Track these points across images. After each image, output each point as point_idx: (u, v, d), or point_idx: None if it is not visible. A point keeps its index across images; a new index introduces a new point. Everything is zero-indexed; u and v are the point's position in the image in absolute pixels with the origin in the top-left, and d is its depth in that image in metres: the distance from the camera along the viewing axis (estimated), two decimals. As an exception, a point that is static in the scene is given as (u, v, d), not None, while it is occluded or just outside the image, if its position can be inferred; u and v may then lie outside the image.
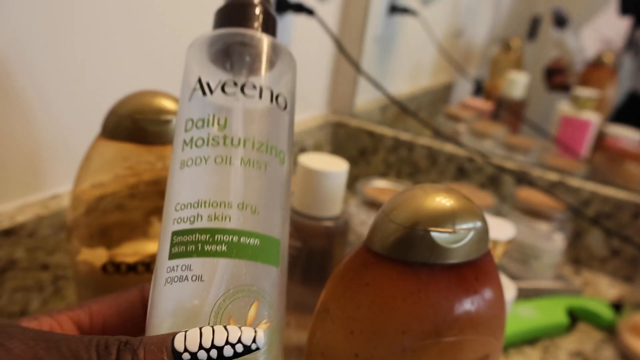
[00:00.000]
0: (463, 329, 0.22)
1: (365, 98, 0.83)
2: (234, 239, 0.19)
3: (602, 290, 0.61)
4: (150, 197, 0.36)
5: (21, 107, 0.39)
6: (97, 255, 0.33)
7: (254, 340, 0.17)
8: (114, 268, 0.33)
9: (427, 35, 0.92)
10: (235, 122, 0.20)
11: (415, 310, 0.22)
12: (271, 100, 0.21)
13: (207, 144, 0.20)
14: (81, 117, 0.43)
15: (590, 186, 0.63)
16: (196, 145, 0.20)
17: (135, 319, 0.23)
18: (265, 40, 0.22)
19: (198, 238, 0.19)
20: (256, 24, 0.22)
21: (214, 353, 0.16)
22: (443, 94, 1.12)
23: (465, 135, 0.88)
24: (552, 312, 0.52)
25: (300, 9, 0.61)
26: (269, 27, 0.23)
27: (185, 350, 0.16)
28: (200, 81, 0.21)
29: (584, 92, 0.87)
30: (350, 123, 0.78)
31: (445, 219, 0.22)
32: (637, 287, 0.54)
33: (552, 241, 0.58)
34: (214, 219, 0.19)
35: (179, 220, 0.20)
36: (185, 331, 0.17)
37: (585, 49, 0.98)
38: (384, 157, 0.76)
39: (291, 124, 0.23)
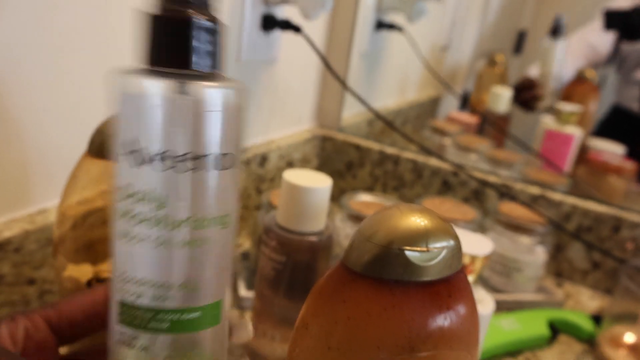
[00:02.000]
0: (437, 344, 0.23)
1: (353, 112, 0.84)
2: (175, 317, 0.21)
3: (583, 302, 0.62)
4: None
5: (9, 123, 0.40)
6: (83, 272, 0.33)
7: None
8: (99, 284, 0.34)
9: (413, 51, 0.93)
10: (175, 202, 0.19)
11: (390, 326, 0.22)
12: (216, 165, 0.20)
13: (147, 223, 0.20)
14: (68, 133, 0.44)
15: (571, 200, 0.65)
16: (137, 221, 0.20)
17: (101, 316, 0.25)
18: (208, 93, 0.19)
19: (143, 315, 0.21)
20: (200, 62, 0.19)
21: None
22: (430, 107, 1.14)
23: (450, 149, 0.90)
24: (534, 325, 0.53)
25: (287, 26, 0.62)
26: (214, 53, 0.20)
27: None
28: (138, 143, 0.19)
29: (567, 106, 0.89)
30: (337, 137, 0.79)
31: (419, 238, 0.23)
32: (616, 300, 0.55)
33: (534, 254, 0.60)
34: (157, 299, 0.21)
35: (124, 292, 0.21)
36: None
37: (568, 59, 1.00)
38: (370, 171, 0.77)
39: (236, 177, 0.21)
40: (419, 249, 0.23)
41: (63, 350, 0.25)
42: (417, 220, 0.23)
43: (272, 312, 0.43)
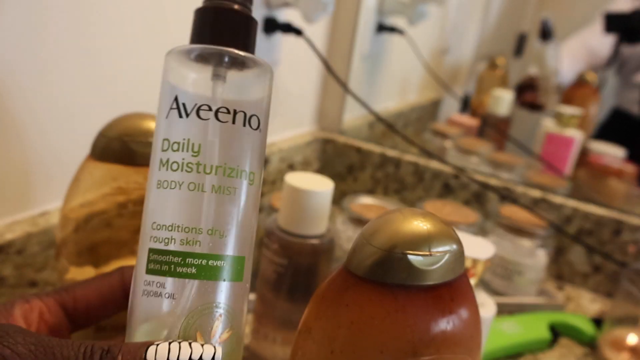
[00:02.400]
0: (439, 348, 0.23)
1: (354, 115, 0.84)
2: (202, 262, 0.21)
3: (584, 306, 0.62)
4: (138, 215, 0.37)
5: (11, 126, 0.40)
6: (85, 274, 0.34)
7: (213, 357, 0.20)
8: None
9: (414, 53, 0.93)
10: (208, 149, 0.22)
11: (393, 330, 0.23)
12: (244, 123, 0.22)
13: (182, 169, 0.22)
14: (70, 136, 0.44)
15: (572, 203, 0.65)
16: (172, 168, 0.22)
17: (116, 299, 0.25)
18: (243, 59, 0.23)
19: (171, 260, 0.21)
20: (235, 39, 0.23)
21: None
22: (430, 110, 1.14)
23: (451, 152, 0.90)
24: (535, 328, 0.53)
25: (289, 29, 0.62)
26: (249, 36, 0.24)
27: None
28: (177, 100, 0.22)
29: (567, 109, 0.89)
30: (338, 140, 0.79)
31: (421, 242, 0.23)
32: (617, 303, 0.55)
33: (535, 257, 0.60)
34: (186, 243, 0.21)
35: (155, 239, 0.22)
36: (157, 344, 0.20)
37: (565, 60, 1.00)
38: (372, 174, 0.77)
39: (263, 141, 0.24)
40: (421, 253, 0.23)
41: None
42: (419, 225, 0.23)
43: (274, 315, 0.43)
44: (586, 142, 0.94)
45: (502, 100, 0.99)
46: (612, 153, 0.94)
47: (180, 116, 0.22)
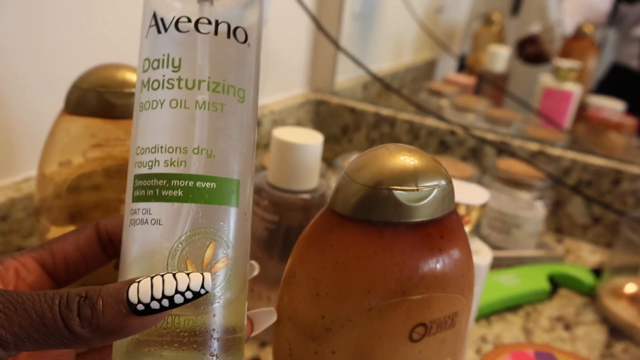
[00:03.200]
0: (429, 286, 0.22)
1: (348, 76, 0.82)
2: (189, 184, 0.20)
3: (584, 257, 0.62)
4: (122, 176, 0.36)
5: (-13, 88, 0.39)
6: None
7: (202, 286, 0.18)
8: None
9: (408, 12, 0.91)
10: (189, 63, 0.20)
11: (380, 269, 0.22)
12: (228, 34, 0.21)
13: (162, 87, 0.20)
14: (53, 99, 0.43)
15: (571, 154, 0.64)
16: (152, 87, 0.20)
17: (94, 252, 0.24)
18: None
19: (156, 183, 0.20)
20: None
21: (165, 302, 0.17)
22: (426, 70, 1.11)
23: (448, 110, 0.88)
24: (534, 279, 0.53)
25: (275, -16, 0.60)
26: None
27: (139, 301, 0.17)
28: (155, 17, 0.21)
29: (565, 63, 0.87)
30: (331, 101, 0.77)
31: (408, 177, 0.22)
32: (617, 252, 0.54)
33: (534, 210, 0.59)
34: (170, 165, 0.20)
35: (139, 165, 0.20)
36: (138, 281, 0.18)
37: (565, 20, 0.98)
38: (366, 134, 0.76)
39: (256, 58, 0.22)
40: (408, 188, 0.22)
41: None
42: (406, 160, 0.22)
43: (267, 274, 0.42)
44: (585, 96, 0.92)
45: (499, 56, 0.97)
46: (611, 106, 0.93)
47: (159, 32, 0.20)
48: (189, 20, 0.20)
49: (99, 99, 0.30)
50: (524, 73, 1.00)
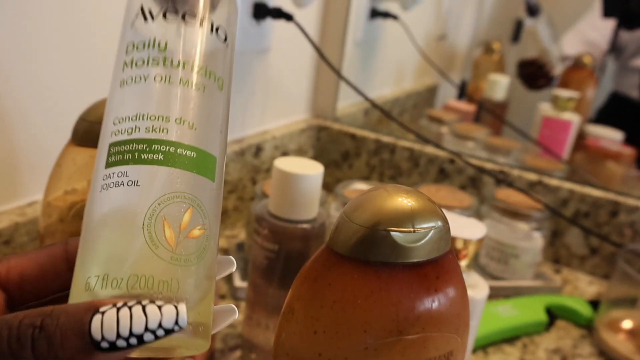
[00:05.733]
0: (425, 326, 0.23)
1: (348, 102, 0.83)
2: (170, 149, 0.20)
3: (581, 288, 0.62)
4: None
5: (-5, 115, 0.39)
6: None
7: (176, 322, 0.16)
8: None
9: (409, 39, 0.92)
10: (175, 46, 0.21)
11: (377, 309, 0.22)
12: (211, 30, 0.22)
13: (147, 64, 0.21)
14: (56, 125, 0.44)
15: (569, 185, 0.64)
16: (136, 65, 0.21)
17: (57, 272, 0.21)
18: None
19: (135, 147, 0.20)
20: None
21: (133, 340, 0.16)
22: (427, 96, 1.13)
23: (447, 138, 0.89)
24: (531, 311, 0.53)
25: (279, 14, 0.61)
26: None
27: (103, 338, 0.16)
28: (142, 8, 0.22)
29: (564, 93, 0.88)
30: (332, 127, 0.78)
31: (405, 218, 0.23)
32: (614, 285, 0.54)
33: (531, 240, 0.59)
34: (152, 131, 0.20)
35: (117, 133, 0.20)
36: (103, 311, 0.16)
37: (567, 51, 0.99)
38: (367, 160, 0.76)
39: (231, 59, 0.23)
40: (405, 229, 0.22)
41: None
42: (403, 201, 0.23)
43: (266, 302, 0.43)
44: (583, 125, 0.93)
45: (499, 85, 0.98)
46: (609, 136, 0.93)
47: (146, 19, 0.22)
48: (177, 12, 0.21)
49: (106, 131, 0.31)
50: (523, 102, 1.01)
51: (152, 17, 0.21)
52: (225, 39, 0.23)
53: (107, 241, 0.19)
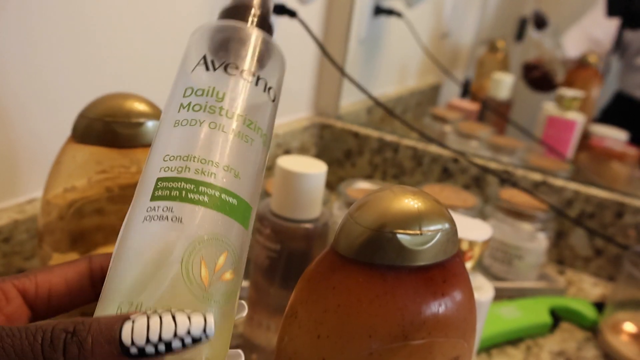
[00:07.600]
0: (431, 331, 0.22)
1: (351, 100, 0.83)
2: (215, 193, 0.21)
3: (586, 290, 0.61)
4: (126, 201, 0.36)
5: (-5, 111, 0.39)
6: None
7: (204, 330, 0.17)
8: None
9: (413, 37, 0.92)
10: (231, 98, 0.23)
11: (382, 313, 0.22)
12: (264, 89, 0.24)
13: (204, 110, 0.22)
14: (56, 121, 0.43)
15: (573, 186, 0.64)
16: (193, 109, 0.22)
17: (83, 288, 0.22)
18: (261, 38, 0.25)
19: (183, 186, 0.21)
20: (253, 22, 0.25)
21: (162, 347, 0.16)
22: (430, 95, 1.12)
23: (451, 136, 0.88)
24: (535, 313, 0.52)
25: (282, 10, 0.61)
26: (265, 29, 0.26)
27: (133, 344, 0.16)
28: (205, 58, 0.23)
29: (569, 92, 0.87)
30: (335, 125, 0.77)
31: (412, 221, 0.22)
32: (619, 287, 0.54)
33: (536, 241, 0.59)
34: (201, 173, 0.21)
35: (166, 169, 0.21)
36: (134, 320, 0.17)
37: (568, 49, 0.98)
38: (370, 159, 0.76)
39: (274, 115, 0.25)
40: (412, 232, 0.22)
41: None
42: (410, 203, 0.22)
43: (268, 302, 0.42)
44: (588, 125, 0.92)
45: (503, 84, 0.97)
46: (614, 136, 0.93)
47: (207, 69, 0.23)
48: (237, 68, 0.23)
49: (106, 129, 0.31)
50: (527, 101, 1.00)
51: (214, 68, 0.23)
52: (274, 100, 0.24)
53: (142, 271, 0.19)
